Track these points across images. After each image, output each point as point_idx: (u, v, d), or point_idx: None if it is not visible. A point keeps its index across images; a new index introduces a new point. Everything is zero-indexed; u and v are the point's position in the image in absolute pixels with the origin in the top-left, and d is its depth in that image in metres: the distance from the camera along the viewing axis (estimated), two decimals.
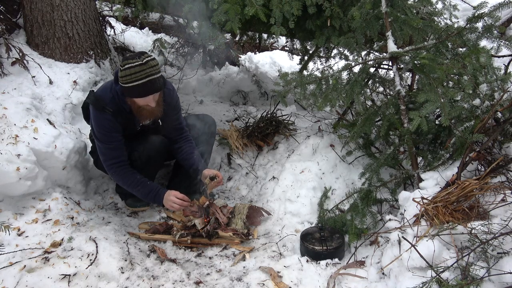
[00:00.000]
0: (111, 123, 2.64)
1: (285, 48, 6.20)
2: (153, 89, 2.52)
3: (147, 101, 2.56)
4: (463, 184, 2.03)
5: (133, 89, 2.49)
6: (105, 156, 2.73)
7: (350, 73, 2.90)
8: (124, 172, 2.73)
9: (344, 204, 2.69)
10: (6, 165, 2.41)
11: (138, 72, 2.45)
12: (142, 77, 2.46)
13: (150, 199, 2.76)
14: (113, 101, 2.63)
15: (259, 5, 2.79)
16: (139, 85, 2.47)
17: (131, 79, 2.46)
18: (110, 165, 2.72)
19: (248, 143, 3.64)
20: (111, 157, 2.71)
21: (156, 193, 2.73)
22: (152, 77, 2.49)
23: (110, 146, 2.69)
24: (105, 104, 2.60)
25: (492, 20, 2.42)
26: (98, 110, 2.62)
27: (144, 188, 2.73)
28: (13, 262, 2.19)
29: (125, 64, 2.46)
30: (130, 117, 2.73)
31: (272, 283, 2.17)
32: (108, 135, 2.67)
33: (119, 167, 2.72)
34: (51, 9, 3.57)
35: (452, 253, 1.88)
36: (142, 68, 2.45)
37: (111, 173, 2.76)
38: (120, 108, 2.66)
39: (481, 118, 2.22)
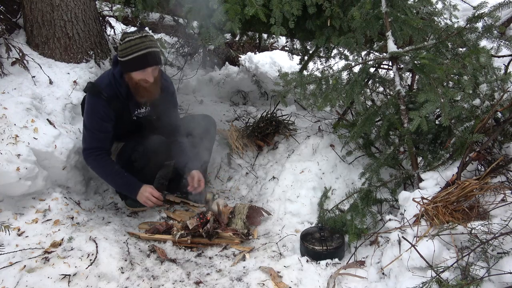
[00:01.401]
0: (104, 110, 2.63)
1: (285, 48, 6.20)
2: (152, 61, 2.54)
3: (145, 75, 2.56)
4: (463, 184, 2.02)
5: (132, 61, 2.50)
6: (87, 144, 2.67)
7: (350, 73, 2.90)
8: (103, 159, 2.67)
9: (344, 204, 2.69)
10: (6, 165, 2.41)
11: (138, 44, 2.48)
12: (141, 48, 2.48)
13: (125, 190, 2.73)
14: (110, 85, 2.64)
15: (259, 5, 2.79)
16: (139, 56, 2.49)
17: (131, 51, 2.48)
18: (90, 152, 2.66)
19: (248, 143, 3.64)
20: (94, 145, 2.65)
21: (133, 185, 2.70)
22: (152, 49, 2.52)
23: (96, 136, 2.65)
24: (101, 89, 2.61)
25: (492, 20, 2.42)
26: (93, 95, 2.62)
27: (120, 179, 2.69)
28: (13, 262, 2.20)
29: (125, 38, 2.49)
30: (125, 103, 2.72)
31: (272, 283, 2.17)
32: (99, 123, 2.65)
33: (99, 155, 2.66)
34: (51, 9, 3.57)
35: (452, 253, 1.88)
36: (142, 41, 2.49)
37: (90, 161, 2.68)
38: (116, 93, 2.65)
39: (481, 118, 2.22)
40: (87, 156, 2.70)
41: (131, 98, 2.73)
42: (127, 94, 2.68)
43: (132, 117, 2.83)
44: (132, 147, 2.78)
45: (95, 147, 2.67)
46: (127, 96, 2.69)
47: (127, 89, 2.66)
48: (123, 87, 2.65)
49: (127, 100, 2.71)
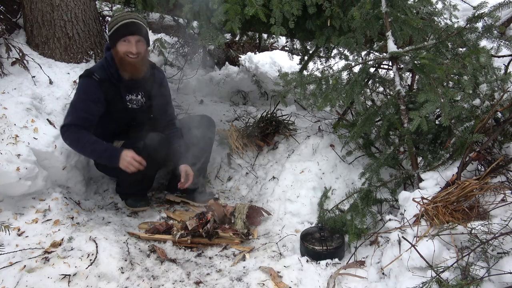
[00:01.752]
0: (95, 91, 2.67)
1: (285, 48, 6.20)
2: (135, 30, 2.65)
3: (129, 46, 2.65)
4: (463, 184, 2.02)
5: (116, 30, 2.62)
6: (68, 120, 2.63)
7: (350, 73, 2.90)
8: (80, 132, 2.63)
9: (344, 204, 2.69)
10: (6, 165, 2.41)
11: (123, 15, 2.64)
12: (126, 18, 2.64)
13: (106, 158, 2.69)
14: (102, 68, 2.73)
15: (259, 5, 2.79)
16: (122, 24, 2.62)
17: (116, 21, 2.62)
18: (68, 127, 2.62)
19: (248, 143, 3.64)
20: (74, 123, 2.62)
21: (113, 151, 2.67)
22: (136, 20, 2.65)
23: (80, 115, 2.64)
24: (93, 71, 2.70)
25: (492, 20, 2.42)
26: (86, 76, 2.69)
27: (99, 147, 2.65)
28: (13, 262, 2.20)
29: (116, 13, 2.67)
30: (117, 87, 2.76)
31: (272, 283, 2.17)
32: (87, 103, 2.66)
33: (77, 130, 2.62)
34: (51, 9, 3.57)
35: (452, 253, 1.88)
36: (128, 13, 2.68)
37: (66, 135, 2.63)
38: (108, 75, 2.72)
39: (481, 118, 2.22)
40: (64, 132, 2.64)
41: (122, 81, 2.78)
42: (118, 76, 2.75)
43: (126, 104, 2.85)
44: (131, 144, 2.78)
45: (75, 124, 2.63)
46: (118, 79, 2.75)
47: (117, 72, 2.74)
48: (113, 68, 2.73)
49: (118, 83, 2.76)
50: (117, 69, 2.73)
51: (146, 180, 2.98)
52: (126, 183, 2.95)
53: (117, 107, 2.79)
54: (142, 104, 2.93)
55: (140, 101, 2.92)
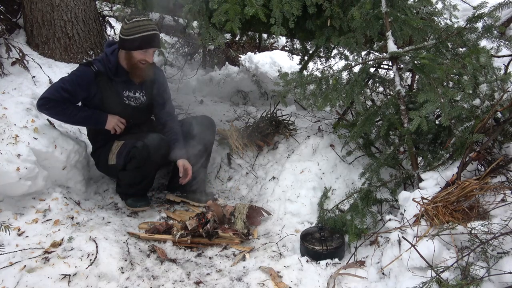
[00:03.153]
0: (87, 77, 2.70)
1: (285, 48, 6.20)
2: (155, 43, 2.72)
3: (147, 55, 2.73)
4: (463, 184, 2.03)
5: (139, 40, 2.65)
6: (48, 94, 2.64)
7: (350, 73, 2.90)
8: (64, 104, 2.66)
9: (344, 204, 2.69)
10: (6, 165, 2.41)
11: (146, 25, 2.65)
12: (149, 29, 2.66)
13: (93, 121, 2.78)
14: (101, 61, 2.76)
15: (259, 5, 2.79)
16: (146, 36, 2.65)
17: (139, 30, 2.64)
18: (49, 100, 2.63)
19: (248, 143, 3.64)
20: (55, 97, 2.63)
21: (99, 115, 2.78)
22: (156, 32, 2.71)
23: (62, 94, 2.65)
24: (92, 62, 2.74)
25: (492, 20, 2.42)
26: (84, 64, 2.74)
27: (84, 112, 2.74)
28: (13, 262, 2.19)
29: (132, 19, 2.65)
30: (113, 80, 2.79)
31: (272, 283, 2.17)
32: (74, 86, 2.68)
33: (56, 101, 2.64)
34: (51, 9, 3.57)
35: (452, 253, 1.88)
36: (149, 23, 2.67)
37: (47, 106, 2.64)
38: (106, 69, 2.75)
39: (481, 118, 2.22)
40: (44, 103, 2.64)
41: (119, 76, 2.81)
42: (116, 71, 2.78)
43: (123, 99, 2.87)
44: (131, 143, 2.78)
45: (55, 99, 2.65)
46: (116, 74, 2.79)
47: (116, 66, 2.77)
48: (112, 63, 2.76)
49: (115, 77, 2.79)
50: (116, 66, 2.77)
51: (146, 180, 2.98)
52: (126, 183, 2.95)
53: (114, 102, 2.82)
54: (141, 102, 2.95)
55: (140, 99, 2.94)
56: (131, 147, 2.77)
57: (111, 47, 2.79)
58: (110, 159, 2.90)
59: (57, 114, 2.73)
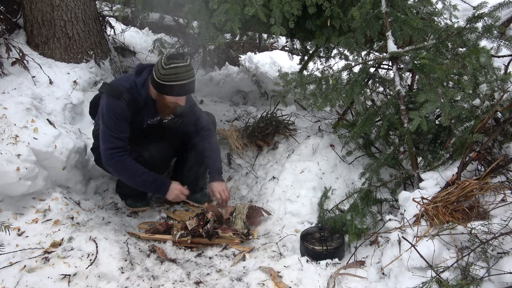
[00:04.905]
0: (124, 112, 2.66)
1: (285, 48, 6.20)
2: (191, 90, 2.69)
3: (180, 100, 2.68)
4: (463, 184, 2.02)
5: (173, 87, 2.59)
6: (109, 144, 2.66)
7: (350, 73, 2.90)
8: (128, 160, 2.68)
9: (344, 204, 2.69)
10: (6, 165, 2.41)
11: (183, 73, 2.57)
12: (185, 77, 2.58)
13: (154, 188, 2.75)
14: (130, 91, 2.68)
15: (259, 5, 2.79)
16: (182, 84, 2.59)
17: (176, 78, 2.56)
18: (113, 152, 2.66)
19: (248, 143, 3.64)
20: (115, 145, 2.66)
21: (162, 182, 2.74)
22: (192, 79, 2.64)
23: (116, 135, 2.66)
24: (121, 92, 2.65)
25: (492, 20, 2.42)
26: (114, 97, 2.64)
27: (149, 177, 2.71)
28: (13, 262, 2.19)
29: (171, 64, 2.55)
30: (140, 111, 2.76)
31: (272, 283, 2.17)
32: (119, 123, 2.66)
33: (122, 156, 2.66)
34: (51, 9, 3.57)
35: (452, 253, 1.88)
36: (187, 69, 2.58)
37: (113, 162, 2.66)
38: (134, 100, 2.69)
39: (481, 118, 2.22)
40: (110, 156, 2.66)
41: (148, 108, 2.77)
42: (144, 104, 2.73)
43: (143, 125, 2.87)
44: (137, 151, 2.79)
45: (117, 146, 2.66)
46: (144, 106, 2.74)
47: (145, 100, 2.72)
48: (142, 97, 2.71)
49: (142, 109, 2.76)
50: (146, 97, 2.72)
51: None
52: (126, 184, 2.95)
53: (135, 126, 2.79)
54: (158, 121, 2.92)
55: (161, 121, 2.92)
56: (137, 155, 2.78)
57: (141, 77, 2.70)
58: None
59: (119, 171, 2.70)
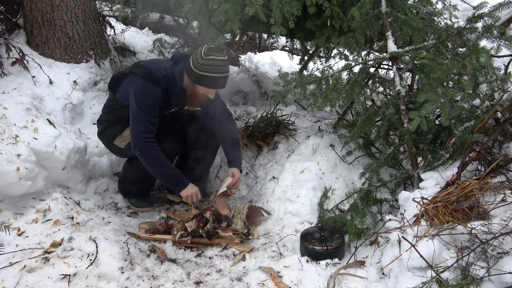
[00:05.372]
0: (160, 98, 2.67)
1: (285, 48, 6.20)
2: (223, 84, 2.71)
3: (210, 92, 2.71)
4: (463, 184, 2.03)
5: (208, 78, 2.61)
6: (143, 127, 2.66)
7: (350, 73, 2.90)
8: (157, 149, 2.69)
9: (344, 204, 2.69)
10: (6, 165, 2.41)
11: (220, 66, 2.60)
12: (221, 71, 2.62)
13: (172, 182, 2.78)
14: (166, 78, 2.69)
15: (259, 5, 2.79)
16: (216, 77, 2.62)
17: (212, 70, 2.58)
18: (146, 137, 2.66)
19: (248, 143, 3.64)
20: (149, 130, 2.67)
21: (182, 179, 2.78)
22: (227, 74, 2.67)
23: (149, 120, 2.67)
24: (159, 79, 2.66)
25: (492, 20, 2.42)
26: (152, 82, 2.64)
27: (172, 170, 2.75)
28: (13, 262, 2.19)
29: (210, 55, 2.57)
30: (170, 99, 2.77)
31: (272, 283, 2.17)
32: (153, 108, 2.68)
33: (153, 143, 2.68)
34: (51, 9, 3.57)
35: (452, 253, 1.88)
36: (224, 63, 2.62)
37: (144, 146, 2.66)
38: (169, 88, 2.72)
39: (481, 118, 2.22)
40: (142, 141, 2.65)
41: (178, 97, 2.79)
42: (176, 93, 2.75)
43: (166, 112, 2.85)
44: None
45: (150, 131, 2.68)
46: (176, 95, 2.76)
47: (179, 90, 2.74)
48: (177, 86, 2.73)
49: (172, 98, 2.77)
50: (180, 89, 2.74)
51: (148, 180, 2.99)
52: (129, 178, 2.98)
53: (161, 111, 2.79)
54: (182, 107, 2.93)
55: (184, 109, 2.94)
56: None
57: (178, 67, 2.71)
58: (117, 140, 2.90)
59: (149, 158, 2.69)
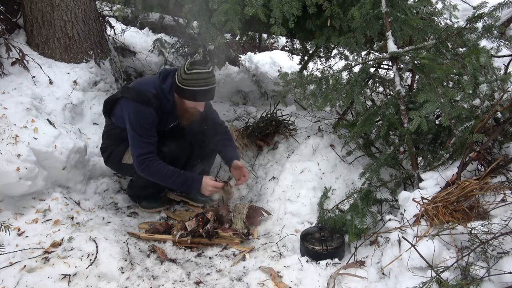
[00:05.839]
0: (153, 117, 2.69)
1: (285, 48, 6.20)
2: (210, 96, 2.71)
3: (199, 105, 2.71)
4: (463, 184, 2.03)
5: (194, 93, 2.62)
6: (140, 150, 2.69)
7: (350, 73, 2.90)
8: (157, 164, 2.70)
9: (344, 204, 2.69)
10: (6, 165, 2.41)
11: (204, 79, 2.60)
12: (206, 84, 2.61)
13: (186, 187, 2.77)
14: (156, 97, 2.71)
15: (259, 5, 2.79)
16: (202, 90, 2.61)
17: (196, 84, 2.59)
18: (143, 158, 2.69)
19: (248, 143, 3.64)
20: (146, 151, 2.69)
21: (193, 180, 2.75)
22: (213, 86, 2.67)
23: (147, 141, 2.69)
24: (149, 99, 2.67)
25: (492, 20, 2.42)
26: (143, 104, 2.66)
27: (179, 177, 2.72)
28: (13, 262, 2.19)
29: (193, 69, 2.59)
30: (165, 116, 2.79)
31: (272, 283, 2.17)
32: (149, 129, 2.70)
33: (151, 161, 2.69)
34: (51, 9, 3.57)
35: (452, 253, 1.88)
36: (208, 76, 2.61)
37: (143, 167, 2.70)
38: (162, 106, 2.73)
39: (481, 118, 2.22)
40: (140, 163, 2.69)
41: (172, 113, 2.81)
42: (170, 109, 2.77)
43: (166, 128, 2.91)
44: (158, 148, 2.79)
45: (148, 152, 2.70)
46: (169, 111, 2.78)
47: (172, 106, 2.76)
48: (169, 102, 2.75)
49: (167, 114, 2.79)
50: (172, 104, 2.75)
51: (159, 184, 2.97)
52: (140, 184, 2.96)
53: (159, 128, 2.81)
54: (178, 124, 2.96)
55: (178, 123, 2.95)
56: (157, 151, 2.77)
57: (167, 83, 2.72)
58: (126, 158, 2.91)
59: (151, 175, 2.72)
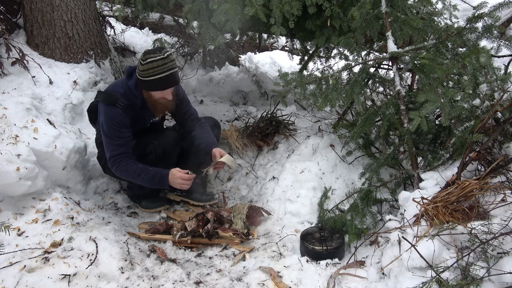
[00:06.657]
0: (121, 118, 2.65)
1: (285, 48, 6.20)
2: (173, 82, 2.61)
3: (165, 94, 2.63)
4: (463, 184, 2.03)
5: (154, 82, 2.55)
6: (112, 151, 2.68)
7: (350, 73, 2.90)
8: (126, 163, 2.68)
9: (344, 204, 2.69)
10: (6, 165, 2.41)
11: (160, 66, 2.51)
12: (164, 70, 2.53)
13: (156, 184, 2.71)
14: (125, 96, 2.66)
15: (259, 5, 2.79)
16: (161, 78, 2.54)
17: (154, 73, 2.52)
18: (115, 160, 2.67)
19: (248, 143, 3.64)
20: (117, 152, 2.67)
21: (160, 176, 2.68)
22: (173, 71, 2.58)
23: (117, 142, 2.67)
24: (117, 99, 2.63)
25: (492, 20, 2.42)
26: (109, 104, 2.63)
27: (147, 174, 2.67)
28: (13, 262, 2.20)
29: (147, 58, 2.51)
30: (140, 113, 2.76)
31: (272, 283, 2.17)
32: (118, 130, 2.66)
33: (121, 160, 2.67)
34: (51, 9, 3.57)
35: (452, 253, 1.88)
36: (164, 62, 2.52)
37: (114, 168, 2.69)
38: (131, 103, 2.69)
39: (481, 118, 2.22)
40: (112, 165, 2.69)
41: (146, 109, 2.77)
42: (142, 105, 2.74)
43: (147, 125, 2.89)
44: (146, 141, 2.80)
45: (119, 153, 2.68)
46: (142, 107, 2.75)
47: (142, 101, 2.72)
48: (138, 99, 2.70)
49: (141, 110, 2.76)
50: (142, 100, 2.71)
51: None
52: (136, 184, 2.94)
53: (138, 126, 2.80)
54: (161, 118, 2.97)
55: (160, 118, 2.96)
56: (147, 143, 2.78)
57: (132, 79, 2.68)
58: None
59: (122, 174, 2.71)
